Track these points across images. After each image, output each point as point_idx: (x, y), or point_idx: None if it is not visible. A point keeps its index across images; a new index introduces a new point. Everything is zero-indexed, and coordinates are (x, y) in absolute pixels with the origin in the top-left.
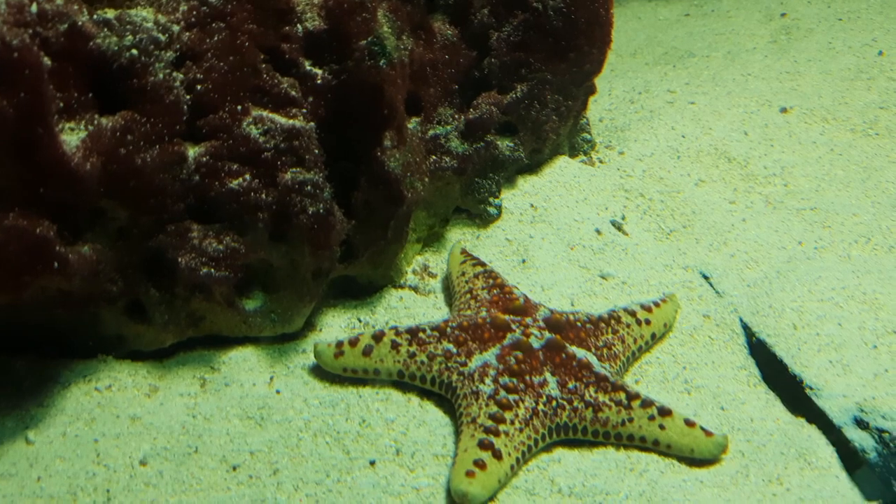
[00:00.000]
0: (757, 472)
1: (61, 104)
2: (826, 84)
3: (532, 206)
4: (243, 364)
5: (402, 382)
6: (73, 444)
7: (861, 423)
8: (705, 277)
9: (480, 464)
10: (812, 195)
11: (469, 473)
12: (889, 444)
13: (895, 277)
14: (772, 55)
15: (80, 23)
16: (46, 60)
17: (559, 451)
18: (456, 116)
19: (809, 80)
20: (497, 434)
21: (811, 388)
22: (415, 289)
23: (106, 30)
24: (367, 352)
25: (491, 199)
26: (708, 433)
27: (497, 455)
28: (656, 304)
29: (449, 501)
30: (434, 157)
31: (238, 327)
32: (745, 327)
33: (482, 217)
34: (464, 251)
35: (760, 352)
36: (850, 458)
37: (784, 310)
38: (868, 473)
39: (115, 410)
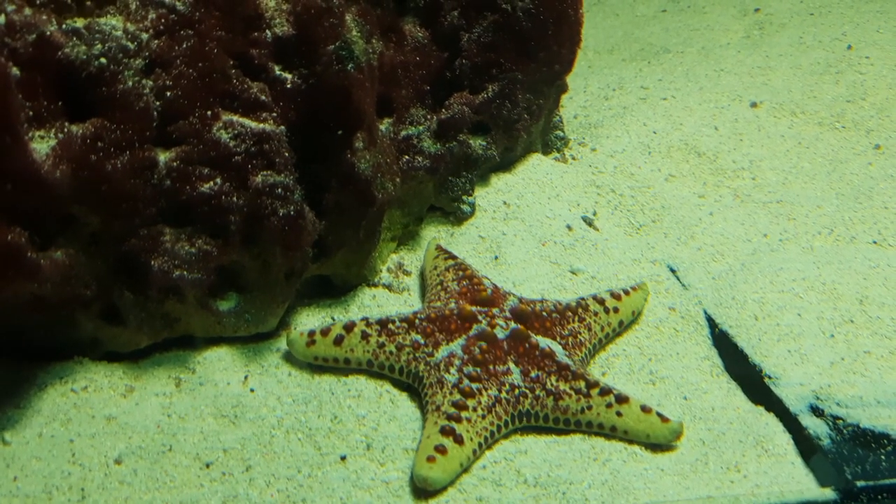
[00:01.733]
0: (716, 459)
1: (31, 113)
2: (796, 78)
3: (505, 203)
4: (218, 364)
5: (373, 374)
6: (49, 445)
7: (816, 411)
8: (672, 271)
9: (441, 449)
10: (779, 188)
11: (430, 459)
12: (843, 431)
13: (854, 268)
14: (744, 50)
15: (48, 32)
16: (15, 70)
17: (526, 443)
18: (428, 117)
19: (780, 74)
20: (459, 421)
21: (770, 377)
22: (389, 287)
23: (75, 39)
24: (337, 341)
25: (464, 198)
26: (664, 419)
27: (458, 440)
28: (626, 293)
29: (416, 492)
30: (407, 157)
31: (212, 328)
32: (709, 319)
33: (456, 215)
34: (439, 247)
35: (723, 342)
36: (805, 444)
37: (746, 301)
38: (822, 460)
39: (91, 411)
